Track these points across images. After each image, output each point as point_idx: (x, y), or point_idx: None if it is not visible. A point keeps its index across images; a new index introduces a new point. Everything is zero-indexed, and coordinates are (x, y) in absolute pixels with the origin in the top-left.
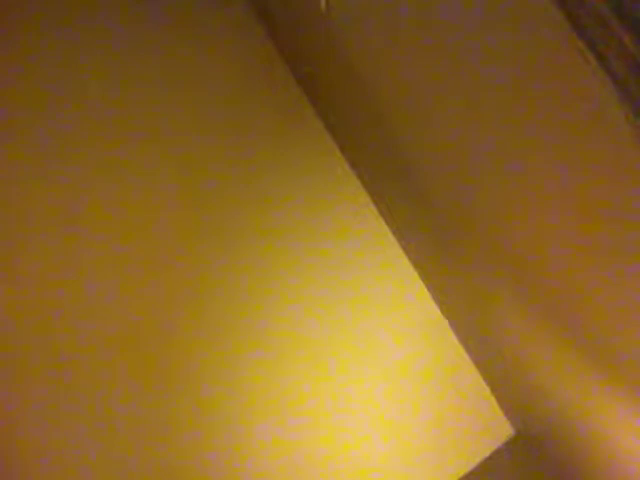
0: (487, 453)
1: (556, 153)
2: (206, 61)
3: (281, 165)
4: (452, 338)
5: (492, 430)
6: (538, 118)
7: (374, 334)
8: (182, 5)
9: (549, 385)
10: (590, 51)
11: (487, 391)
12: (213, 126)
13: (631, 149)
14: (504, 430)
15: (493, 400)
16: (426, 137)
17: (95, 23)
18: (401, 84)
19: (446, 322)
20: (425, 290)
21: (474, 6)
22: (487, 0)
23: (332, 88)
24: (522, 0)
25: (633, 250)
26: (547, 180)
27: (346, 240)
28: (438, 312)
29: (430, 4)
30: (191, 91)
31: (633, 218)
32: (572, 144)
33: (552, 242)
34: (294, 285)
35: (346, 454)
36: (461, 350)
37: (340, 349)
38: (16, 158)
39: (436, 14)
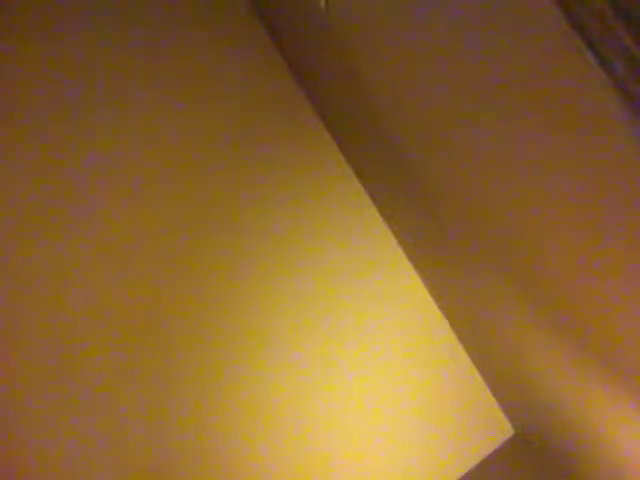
0: (487, 453)
1: (555, 153)
2: (206, 62)
3: (281, 166)
4: (452, 338)
5: (492, 430)
6: (537, 119)
7: (373, 333)
8: (182, 6)
9: (549, 385)
10: (590, 51)
11: (487, 391)
12: (213, 127)
13: (631, 149)
14: (504, 430)
15: (493, 400)
16: (427, 135)
17: (97, 26)
18: (401, 83)
19: (446, 322)
20: (425, 290)
21: (473, 5)
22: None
23: (332, 87)
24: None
25: (633, 247)
26: (547, 180)
27: (346, 240)
28: (438, 312)
29: (430, 2)
30: (190, 92)
31: (633, 218)
32: (571, 144)
33: (554, 243)
34: (293, 285)
35: (345, 454)
36: (461, 350)
37: (339, 349)
38: (23, 159)
39: (436, 12)
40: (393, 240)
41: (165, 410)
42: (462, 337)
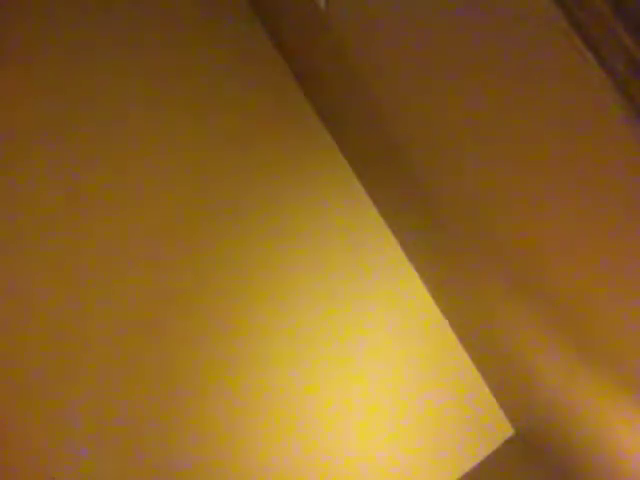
0: (487, 453)
1: (556, 153)
2: (205, 62)
3: (280, 166)
4: (452, 338)
5: (492, 430)
6: (537, 119)
7: (374, 334)
8: (182, 7)
9: (549, 385)
10: (590, 51)
11: (487, 391)
12: (212, 128)
13: (631, 149)
14: (504, 430)
15: (493, 400)
16: (427, 135)
17: (97, 26)
18: (401, 83)
19: (446, 322)
20: (425, 290)
21: (474, 5)
22: (487, 0)
23: (332, 87)
24: (522, 0)
25: (633, 247)
26: (547, 180)
27: (346, 240)
28: (438, 312)
29: (430, 3)
30: (190, 92)
31: (634, 217)
32: (572, 144)
33: (554, 243)
34: (293, 286)
35: (346, 454)
36: (461, 350)
37: (340, 349)
38: (23, 159)
39: (436, 13)
40: (393, 240)
41: (167, 408)
42: (462, 337)
